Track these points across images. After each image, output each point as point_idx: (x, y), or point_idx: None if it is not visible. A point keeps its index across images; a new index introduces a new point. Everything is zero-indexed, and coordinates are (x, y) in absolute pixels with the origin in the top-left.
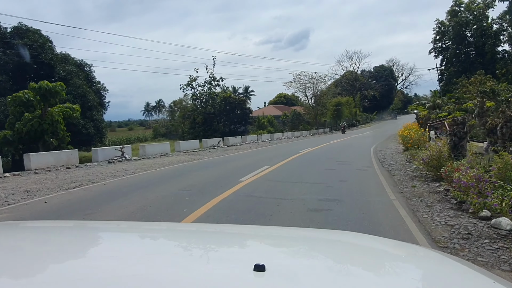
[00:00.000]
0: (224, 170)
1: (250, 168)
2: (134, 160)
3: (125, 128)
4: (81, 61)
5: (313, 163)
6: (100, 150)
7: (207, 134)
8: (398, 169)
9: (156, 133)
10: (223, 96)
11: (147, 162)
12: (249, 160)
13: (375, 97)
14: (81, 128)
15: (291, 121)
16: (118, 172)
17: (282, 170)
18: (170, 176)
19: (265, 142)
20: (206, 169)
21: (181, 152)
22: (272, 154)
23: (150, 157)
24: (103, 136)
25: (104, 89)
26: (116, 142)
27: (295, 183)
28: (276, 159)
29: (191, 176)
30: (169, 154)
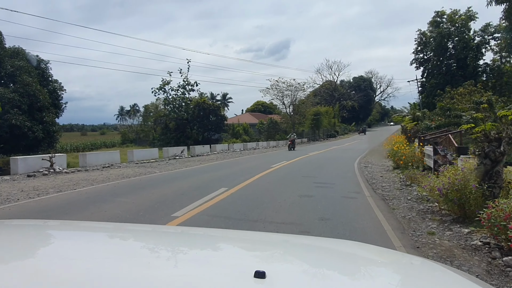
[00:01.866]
0: (161, 195)
1: (201, 191)
2: (65, 173)
3: (98, 132)
4: (37, 57)
5: (285, 184)
6: (20, 160)
7: (179, 141)
8: (395, 196)
9: (125, 139)
10: (196, 102)
11: (77, 177)
12: (206, 177)
13: (354, 108)
14: (27, 131)
15: (267, 130)
16: (19, 193)
17: (242, 196)
18: (78, 205)
19: (237, 152)
20: (140, 192)
21: (132, 163)
22: (238, 168)
23: (89, 169)
24: (54, 141)
25: (61, 88)
26: (76, 148)
27: (254, 222)
28: (240, 177)
29: (107, 206)
30: (115, 166)
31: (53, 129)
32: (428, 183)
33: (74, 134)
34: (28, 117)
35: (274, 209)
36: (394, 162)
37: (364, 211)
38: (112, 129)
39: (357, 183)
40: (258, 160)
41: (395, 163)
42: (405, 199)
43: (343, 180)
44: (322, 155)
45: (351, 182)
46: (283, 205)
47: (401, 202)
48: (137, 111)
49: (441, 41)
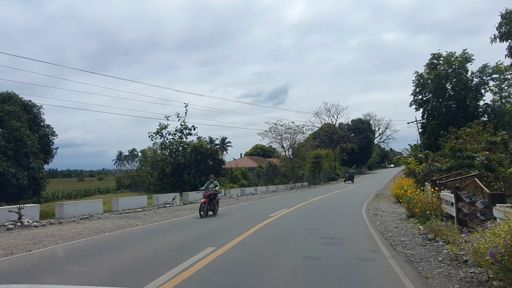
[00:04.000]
0: (129, 260)
1: (181, 252)
2: (34, 226)
3: (95, 178)
4: (29, 101)
5: (287, 241)
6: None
7: (175, 186)
8: (422, 256)
9: (120, 184)
10: (194, 146)
11: (44, 233)
12: (193, 231)
13: (354, 150)
14: (11, 178)
15: (266, 174)
16: None
17: (232, 259)
18: (16, 276)
19: (233, 198)
20: (105, 255)
21: (116, 213)
22: (232, 219)
23: (64, 221)
24: (40, 188)
25: (53, 133)
26: (68, 195)
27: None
28: (233, 231)
29: (53, 278)
30: (95, 217)
31: (39, 175)
32: (469, 242)
33: (71, 180)
34: (14, 163)
35: (273, 282)
36: (407, 210)
37: (390, 283)
38: (110, 175)
39: (371, 237)
40: (256, 207)
41: (409, 211)
42: (436, 260)
43: (353, 233)
44: (325, 201)
45: (363, 236)
46: (283, 273)
47: (432, 266)
48: (135, 156)
49: (439, 83)
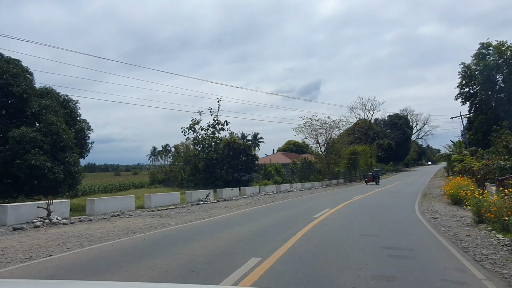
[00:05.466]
0: (160, 272)
1: (220, 265)
2: (63, 224)
3: (131, 173)
4: (66, 96)
5: (343, 251)
6: (11, 209)
7: (208, 182)
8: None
9: (154, 179)
10: (226, 141)
11: (71, 232)
12: (232, 235)
13: (391, 147)
14: (47, 172)
15: (300, 170)
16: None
17: (283, 276)
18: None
19: (269, 195)
20: (131, 265)
21: (149, 210)
22: (273, 220)
23: (94, 218)
24: (76, 182)
25: (89, 128)
26: (105, 189)
27: None
28: (277, 235)
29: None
30: (126, 214)
31: (75, 169)
32: None
33: (108, 174)
34: (50, 157)
35: None
36: (475, 214)
37: None
38: (145, 169)
39: (444, 248)
40: (296, 206)
41: (476, 215)
42: None
43: (420, 242)
44: (369, 200)
45: (434, 247)
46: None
47: None
48: (168, 151)
49: (488, 74)
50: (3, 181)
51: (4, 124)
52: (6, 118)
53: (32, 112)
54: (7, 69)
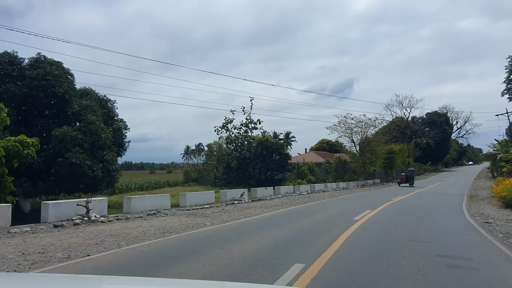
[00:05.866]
0: (198, 278)
1: (262, 270)
2: (101, 222)
3: (165, 171)
4: (104, 96)
5: (393, 259)
6: (52, 206)
7: (241, 181)
8: None
9: (187, 178)
10: (259, 140)
11: (108, 230)
12: (270, 237)
13: (430, 146)
14: (86, 170)
15: (335, 170)
16: (6, 260)
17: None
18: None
19: (303, 195)
20: (167, 268)
21: (184, 209)
22: (312, 221)
23: (131, 216)
24: (113, 179)
25: (126, 127)
26: (140, 186)
27: None
28: (318, 238)
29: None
30: (162, 213)
31: (112, 167)
32: None
33: (144, 172)
34: (89, 155)
35: None
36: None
37: None
38: (178, 168)
39: (507, 257)
40: (333, 207)
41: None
42: None
43: (478, 250)
44: (410, 202)
45: (496, 256)
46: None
47: None
48: (201, 150)
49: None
50: (47, 179)
51: (48, 124)
52: (49, 118)
53: (73, 112)
54: (50, 70)
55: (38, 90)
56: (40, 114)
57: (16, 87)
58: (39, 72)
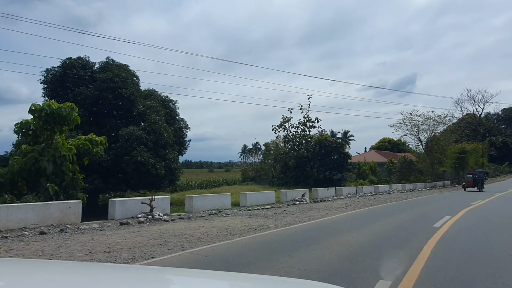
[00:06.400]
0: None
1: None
2: (164, 221)
3: (223, 170)
4: (166, 97)
5: (496, 280)
6: (118, 203)
7: (298, 180)
8: None
9: (245, 177)
10: (317, 139)
11: (172, 230)
12: (342, 244)
13: (507, 144)
14: (150, 168)
15: (399, 170)
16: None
17: None
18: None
19: (367, 197)
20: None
21: (245, 209)
22: (386, 227)
23: (193, 216)
24: (175, 177)
25: (186, 126)
26: (200, 184)
27: None
28: (398, 250)
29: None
30: (223, 212)
31: (174, 166)
32: None
33: (203, 171)
34: (153, 154)
35: None
36: None
37: None
38: (236, 167)
39: None
40: (405, 211)
41: None
42: None
43: None
44: (494, 207)
45: None
46: None
47: None
48: (258, 149)
49: None
50: (116, 176)
51: (115, 124)
52: (117, 118)
53: (138, 112)
54: (117, 73)
55: (107, 92)
56: (109, 115)
57: (88, 89)
58: (108, 74)
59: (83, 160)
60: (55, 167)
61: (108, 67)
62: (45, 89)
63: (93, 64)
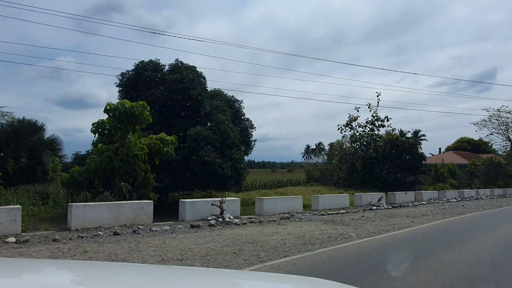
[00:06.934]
0: None
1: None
2: (235, 224)
3: (285, 170)
4: (232, 97)
5: None
6: (188, 205)
7: (366, 182)
8: None
9: (310, 177)
10: (388, 139)
11: (244, 235)
12: (448, 263)
13: None
14: (217, 168)
15: (486, 173)
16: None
17: None
18: None
19: (453, 203)
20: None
21: (318, 213)
22: (494, 246)
23: (264, 220)
24: (241, 178)
25: (252, 126)
26: (264, 185)
27: None
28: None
29: None
30: (295, 216)
31: (240, 166)
32: None
33: (266, 171)
34: (219, 154)
35: None
36: None
37: None
38: (298, 167)
39: None
40: (510, 222)
41: None
42: None
43: None
44: None
45: None
46: None
47: None
48: (321, 149)
49: None
50: (183, 175)
51: (184, 124)
52: (184, 118)
53: (205, 112)
54: (186, 74)
55: (176, 93)
56: (177, 115)
57: (159, 91)
58: (176, 76)
59: (154, 160)
60: (128, 167)
61: (177, 69)
62: (120, 91)
63: (163, 67)
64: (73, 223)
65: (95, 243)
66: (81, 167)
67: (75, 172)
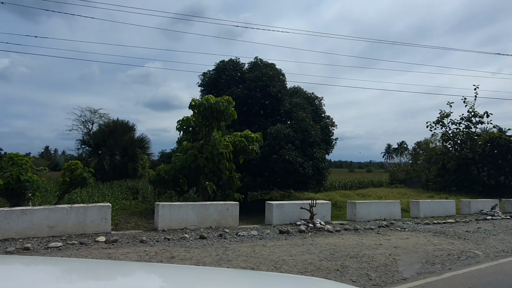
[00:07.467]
0: None
1: None
2: (328, 231)
3: (364, 170)
4: (312, 94)
5: None
6: (276, 207)
7: (461, 185)
8: None
9: (393, 178)
10: (488, 137)
11: (342, 246)
12: None
13: None
14: (298, 167)
15: None
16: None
17: None
18: None
19: None
20: None
21: (419, 221)
22: None
23: (359, 227)
24: (322, 178)
25: (333, 125)
26: (344, 185)
27: None
28: None
29: None
30: (395, 224)
31: (322, 165)
32: None
33: (343, 171)
34: (300, 152)
35: None
36: None
37: None
38: (377, 167)
39: None
40: None
41: None
42: None
43: None
44: None
45: None
46: None
47: None
48: (405, 149)
49: None
50: (263, 174)
51: (263, 122)
52: (264, 116)
53: (285, 110)
54: (265, 72)
55: (256, 91)
56: (257, 114)
57: (239, 89)
58: (256, 74)
59: (239, 158)
60: (213, 165)
61: (256, 67)
62: (202, 91)
63: (243, 65)
64: (159, 223)
65: (181, 247)
66: (167, 165)
67: (161, 170)
